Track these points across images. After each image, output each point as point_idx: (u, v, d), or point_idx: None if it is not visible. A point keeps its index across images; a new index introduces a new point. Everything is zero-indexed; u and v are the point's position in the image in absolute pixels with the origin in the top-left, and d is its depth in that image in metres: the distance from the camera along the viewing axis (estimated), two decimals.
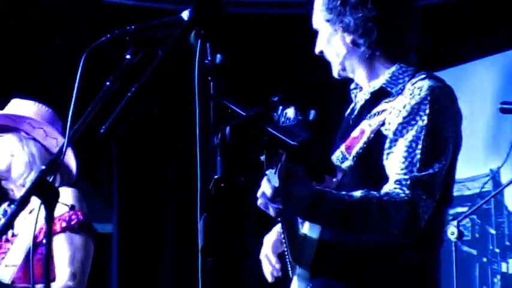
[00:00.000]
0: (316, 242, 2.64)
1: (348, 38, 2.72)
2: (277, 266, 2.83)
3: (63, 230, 3.43)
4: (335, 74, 2.80)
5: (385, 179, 2.56)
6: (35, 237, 3.41)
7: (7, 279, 3.47)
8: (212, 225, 2.17)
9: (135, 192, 6.90)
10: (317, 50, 2.81)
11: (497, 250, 6.64)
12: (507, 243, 6.50)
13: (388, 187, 2.51)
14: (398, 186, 2.50)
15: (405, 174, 2.51)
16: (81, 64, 2.43)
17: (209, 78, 2.21)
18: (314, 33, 2.87)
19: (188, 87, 2.20)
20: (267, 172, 2.39)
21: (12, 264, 3.49)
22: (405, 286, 2.63)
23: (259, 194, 2.46)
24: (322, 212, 2.52)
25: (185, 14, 2.33)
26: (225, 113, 2.26)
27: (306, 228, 2.66)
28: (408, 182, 2.49)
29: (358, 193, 2.49)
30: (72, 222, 3.46)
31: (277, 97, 2.34)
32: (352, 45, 2.72)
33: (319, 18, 2.76)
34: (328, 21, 2.73)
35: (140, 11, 6.96)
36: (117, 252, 6.81)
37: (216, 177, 2.15)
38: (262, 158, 2.42)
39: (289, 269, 2.72)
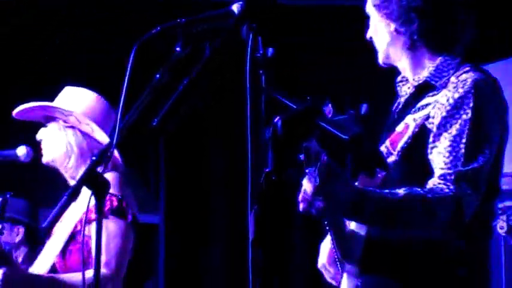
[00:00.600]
0: (364, 239, 2.65)
1: (392, 26, 2.74)
2: (338, 276, 2.84)
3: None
4: (380, 61, 2.82)
5: (430, 173, 2.56)
6: (76, 226, 3.49)
7: (45, 268, 3.51)
8: (263, 218, 2.18)
9: (184, 183, 6.87)
10: (368, 36, 2.84)
11: None
12: None
13: (433, 182, 2.52)
14: (442, 181, 2.50)
15: (449, 168, 2.51)
16: (131, 57, 2.45)
17: (260, 71, 2.21)
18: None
19: (239, 80, 2.20)
20: (307, 171, 2.40)
21: (51, 252, 3.54)
22: (455, 279, 2.62)
23: (300, 197, 2.47)
24: (365, 211, 2.54)
25: (235, 7, 2.34)
26: (277, 106, 2.26)
27: (353, 225, 2.67)
28: (453, 177, 2.49)
29: (401, 191, 2.50)
30: (105, 209, 3.42)
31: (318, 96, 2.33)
32: (395, 33, 2.74)
33: (370, 3, 2.79)
34: (375, 6, 2.76)
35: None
36: (164, 242, 6.79)
37: (267, 170, 2.15)
38: (302, 157, 2.42)
39: (338, 266, 2.73)
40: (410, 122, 2.66)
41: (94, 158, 2.67)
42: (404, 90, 2.79)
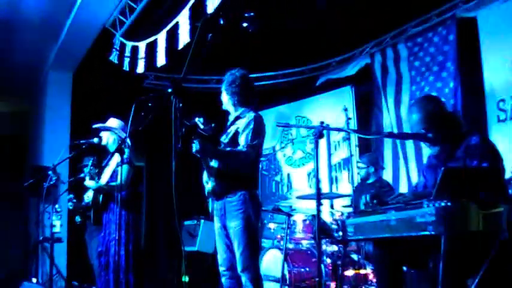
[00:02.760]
0: (216, 167, 2.85)
1: (227, 97, 2.99)
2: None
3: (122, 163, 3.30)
4: (224, 107, 3.03)
5: (239, 144, 2.80)
6: (115, 167, 3.66)
7: (105, 180, 3.66)
8: (182, 160, 2.28)
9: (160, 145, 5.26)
10: (221, 99, 3.04)
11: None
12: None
13: (239, 147, 2.80)
14: (242, 147, 2.78)
15: (246, 143, 2.77)
16: (132, 109, 2.51)
17: (178, 115, 2.30)
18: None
19: (169, 117, 2.30)
20: (194, 142, 2.59)
21: (107, 173, 3.72)
22: (246, 183, 2.85)
23: (193, 150, 2.67)
24: (217, 155, 2.78)
25: (169, 89, 2.35)
26: (184, 124, 2.52)
27: (213, 162, 2.87)
28: (245, 145, 2.77)
29: (228, 149, 2.80)
30: (125, 161, 3.40)
31: (201, 118, 2.64)
32: (229, 100, 2.98)
33: (222, 87, 3.01)
34: (223, 89, 3.02)
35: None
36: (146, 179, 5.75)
37: (179, 146, 2.32)
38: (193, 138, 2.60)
39: (208, 177, 2.88)
40: (232, 129, 2.91)
41: (120, 142, 3.08)
42: (230, 118, 3.03)
